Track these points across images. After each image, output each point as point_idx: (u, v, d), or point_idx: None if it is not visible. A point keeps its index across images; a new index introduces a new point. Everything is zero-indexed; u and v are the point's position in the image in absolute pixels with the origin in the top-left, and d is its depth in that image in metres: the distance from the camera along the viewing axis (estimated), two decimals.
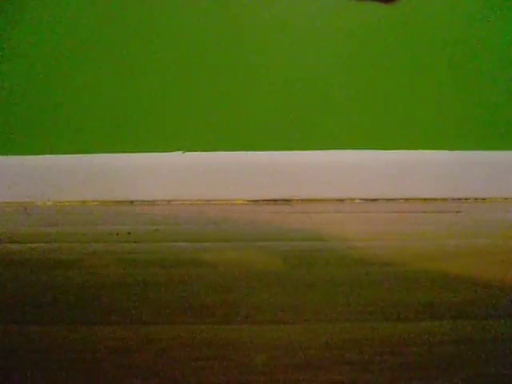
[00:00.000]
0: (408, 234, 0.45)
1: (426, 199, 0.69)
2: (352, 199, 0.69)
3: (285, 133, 0.67)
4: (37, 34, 0.68)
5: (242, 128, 0.67)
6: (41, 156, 0.70)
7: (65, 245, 0.41)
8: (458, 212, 0.58)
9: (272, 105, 0.67)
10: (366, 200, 0.69)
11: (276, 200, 0.69)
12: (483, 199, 0.69)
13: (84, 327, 0.23)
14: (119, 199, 0.70)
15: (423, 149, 0.69)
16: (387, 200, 0.69)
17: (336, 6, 0.65)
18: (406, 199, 0.69)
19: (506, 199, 0.68)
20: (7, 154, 0.70)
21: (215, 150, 0.67)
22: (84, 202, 0.70)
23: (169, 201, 0.69)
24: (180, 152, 0.69)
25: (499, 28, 0.67)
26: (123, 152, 0.69)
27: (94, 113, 0.69)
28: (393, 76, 0.67)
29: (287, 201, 0.69)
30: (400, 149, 0.68)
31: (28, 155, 0.70)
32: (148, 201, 0.70)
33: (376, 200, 0.69)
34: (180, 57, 0.66)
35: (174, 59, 0.66)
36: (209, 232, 0.48)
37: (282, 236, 0.45)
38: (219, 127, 0.67)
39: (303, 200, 0.69)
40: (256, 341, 0.21)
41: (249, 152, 0.67)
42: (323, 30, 0.65)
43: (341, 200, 0.69)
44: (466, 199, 0.69)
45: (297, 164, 0.67)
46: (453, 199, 0.69)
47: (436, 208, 0.62)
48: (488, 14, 0.67)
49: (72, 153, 0.70)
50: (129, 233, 0.47)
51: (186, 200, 0.69)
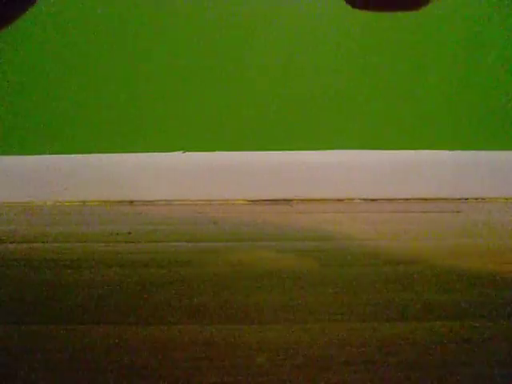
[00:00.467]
0: (408, 234, 0.45)
1: (426, 199, 0.69)
2: (352, 199, 0.69)
3: (285, 133, 0.67)
4: (37, 34, 0.68)
5: (242, 128, 0.67)
6: (41, 156, 0.70)
7: (65, 245, 0.41)
8: (458, 212, 0.58)
9: (272, 105, 0.67)
10: (366, 200, 0.69)
11: (276, 200, 0.69)
12: (483, 199, 0.69)
13: (84, 327, 0.23)
14: (119, 199, 0.70)
15: (423, 149, 0.69)
16: (387, 200, 0.69)
17: (336, 5, 0.65)
18: (406, 199, 0.69)
19: (506, 199, 0.68)
20: (7, 154, 0.70)
21: (215, 150, 0.67)
22: (84, 202, 0.70)
23: (169, 201, 0.69)
24: (180, 152, 0.69)
25: (499, 27, 0.67)
26: (123, 152, 0.69)
27: (94, 113, 0.69)
28: (393, 76, 0.67)
29: (287, 201, 0.69)
30: (400, 149, 0.68)
31: (28, 155, 0.70)
32: (148, 201, 0.70)
33: (376, 200, 0.69)
34: (180, 57, 0.66)
35: (175, 59, 0.66)
36: (209, 232, 0.48)
37: (282, 236, 0.45)
38: (219, 127, 0.67)
39: (303, 200, 0.69)
40: (256, 341, 0.21)
41: (249, 152, 0.67)
42: (323, 30, 0.65)
43: (341, 200, 0.69)
44: (466, 199, 0.69)
45: (297, 164, 0.67)
46: (453, 199, 0.69)
47: (436, 208, 0.62)
48: (489, 13, 0.67)
49: (72, 153, 0.70)
50: (129, 233, 0.47)
51: (186, 200, 0.69)
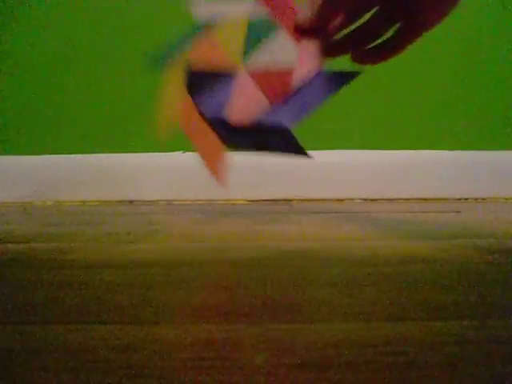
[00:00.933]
0: (408, 234, 0.45)
1: (426, 199, 0.69)
2: (352, 199, 0.69)
3: None
4: (37, 34, 0.68)
5: None
6: (41, 156, 0.70)
7: (65, 245, 0.41)
8: (458, 212, 0.58)
9: None
10: (366, 200, 0.69)
11: (276, 200, 0.69)
12: (483, 199, 0.69)
13: (84, 327, 0.23)
14: (119, 199, 0.70)
15: (423, 149, 0.69)
16: (387, 200, 0.69)
17: None
18: (406, 199, 0.69)
19: (506, 199, 0.68)
20: (7, 154, 0.70)
21: None
22: (84, 202, 0.70)
23: (169, 201, 0.69)
24: (180, 152, 0.69)
25: (499, 28, 0.67)
26: (123, 152, 0.69)
27: (94, 113, 0.69)
28: (393, 76, 0.67)
29: (287, 201, 0.69)
30: (400, 149, 0.69)
31: (28, 155, 0.70)
32: (148, 201, 0.70)
33: (376, 200, 0.69)
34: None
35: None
36: (208, 232, 0.48)
37: (282, 236, 0.45)
38: None
39: (303, 200, 0.69)
40: (256, 341, 0.21)
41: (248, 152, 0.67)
42: None
43: (341, 200, 0.69)
44: (466, 199, 0.69)
45: (297, 164, 0.67)
46: (453, 199, 0.69)
47: (436, 208, 0.62)
48: (488, 15, 0.67)
49: (72, 153, 0.70)
50: (129, 233, 0.47)
51: (186, 200, 0.69)
